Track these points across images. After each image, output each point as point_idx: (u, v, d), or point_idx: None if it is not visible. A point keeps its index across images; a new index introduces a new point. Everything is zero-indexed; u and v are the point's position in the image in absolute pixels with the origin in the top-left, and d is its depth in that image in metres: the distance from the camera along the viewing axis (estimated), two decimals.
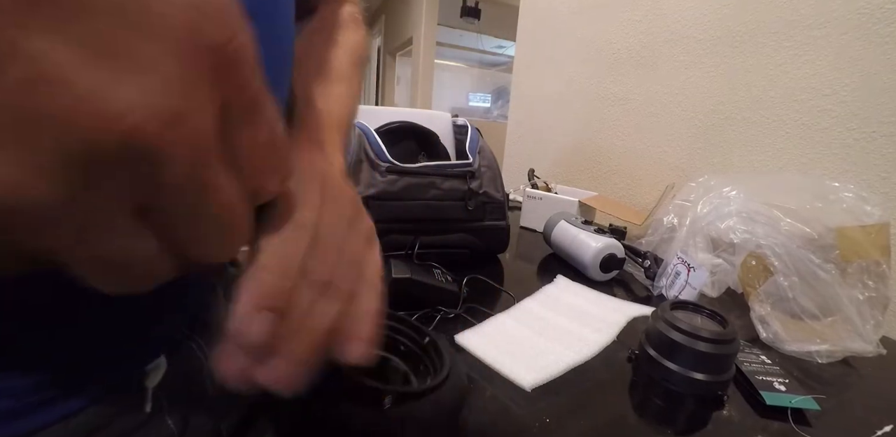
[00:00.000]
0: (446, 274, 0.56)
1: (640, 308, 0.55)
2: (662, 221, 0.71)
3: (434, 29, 4.16)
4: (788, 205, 0.57)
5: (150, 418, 0.27)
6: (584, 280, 0.65)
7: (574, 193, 0.97)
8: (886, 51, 0.67)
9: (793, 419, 0.39)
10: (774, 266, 0.53)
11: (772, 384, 0.43)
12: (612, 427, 0.38)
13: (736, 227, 0.59)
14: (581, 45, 1.19)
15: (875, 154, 0.69)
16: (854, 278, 0.52)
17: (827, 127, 0.74)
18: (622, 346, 0.48)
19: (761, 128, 0.83)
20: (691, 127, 0.95)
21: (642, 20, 1.03)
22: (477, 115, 5.54)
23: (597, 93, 1.16)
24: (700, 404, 0.41)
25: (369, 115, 0.77)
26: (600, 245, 0.65)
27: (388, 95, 5.45)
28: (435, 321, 0.50)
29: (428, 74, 4.32)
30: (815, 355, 0.49)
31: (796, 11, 0.76)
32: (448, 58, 5.21)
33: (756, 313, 0.54)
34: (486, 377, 0.42)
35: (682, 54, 0.96)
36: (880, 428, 0.39)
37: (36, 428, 0.22)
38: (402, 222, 0.63)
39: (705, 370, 0.41)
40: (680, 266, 0.60)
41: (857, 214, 0.54)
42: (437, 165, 0.66)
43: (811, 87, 0.76)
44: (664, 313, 0.44)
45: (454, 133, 0.87)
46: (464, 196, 0.66)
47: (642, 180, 1.07)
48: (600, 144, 1.16)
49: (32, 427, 0.22)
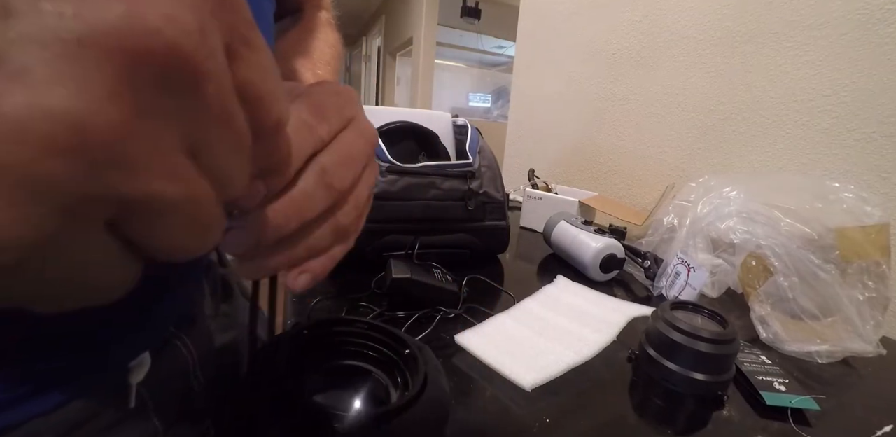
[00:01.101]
0: (446, 274, 0.56)
1: (640, 308, 0.55)
2: (662, 221, 0.71)
3: (434, 29, 4.17)
4: (788, 205, 0.57)
5: (133, 413, 0.27)
6: (584, 280, 0.65)
7: (574, 194, 0.97)
8: (886, 51, 0.67)
9: (793, 420, 0.39)
10: (774, 266, 0.53)
11: (772, 384, 0.43)
12: (612, 427, 0.38)
13: (736, 227, 0.59)
14: (581, 45, 1.19)
15: (875, 154, 0.69)
16: (854, 278, 0.52)
17: (827, 127, 0.74)
18: (622, 346, 0.48)
19: (761, 128, 0.83)
20: (691, 127, 0.95)
21: (642, 20, 1.03)
22: (477, 115, 5.54)
23: (597, 93, 1.16)
24: (700, 404, 0.41)
25: (369, 115, 0.76)
26: (600, 245, 0.65)
27: (388, 95, 5.45)
28: (435, 321, 0.50)
29: (428, 74, 4.32)
30: (815, 356, 0.50)
31: (796, 11, 0.77)
32: (448, 58, 5.21)
33: (756, 313, 0.54)
34: (486, 377, 0.42)
35: (682, 54, 0.96)
36: (880, 428, 0.39)
37: (18, 421, 0.22)
38: (402, 222, 0.63)
39: (705, 370, 0.41)
40: (680, 266, 0.60)
41: (857, 215, 0.54)
42: (437, 165, 0.66)
43: (811, 87, 0.76)
44: (664, 313, 0.44)
45: (454, 133, 0.87)
46: (464, 196, 0.66)
47: (642, 180, 1.07)
48: (600, 144, 1.16)
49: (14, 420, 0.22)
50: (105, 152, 0.09)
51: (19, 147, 0.08)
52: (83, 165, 0.09)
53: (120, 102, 0.09)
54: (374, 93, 5.76)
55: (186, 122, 0.11)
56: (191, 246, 0.12)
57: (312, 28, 0.40)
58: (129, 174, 0.10)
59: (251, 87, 0.12)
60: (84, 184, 0.09)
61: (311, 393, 0.29)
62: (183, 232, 0.12)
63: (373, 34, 5.78)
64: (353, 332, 0.31)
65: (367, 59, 6.11)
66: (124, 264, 0.12)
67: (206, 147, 0.11)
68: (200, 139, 0.11)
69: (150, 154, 0.10)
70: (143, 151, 0.10)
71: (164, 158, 0.10)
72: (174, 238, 0.12)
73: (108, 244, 0.11)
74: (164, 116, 0.10)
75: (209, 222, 0.12)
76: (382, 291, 0.54)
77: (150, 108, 0.10)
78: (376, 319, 0.51)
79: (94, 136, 0.09)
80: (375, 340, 0.30)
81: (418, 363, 0.28)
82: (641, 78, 1.05)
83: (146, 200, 0.10)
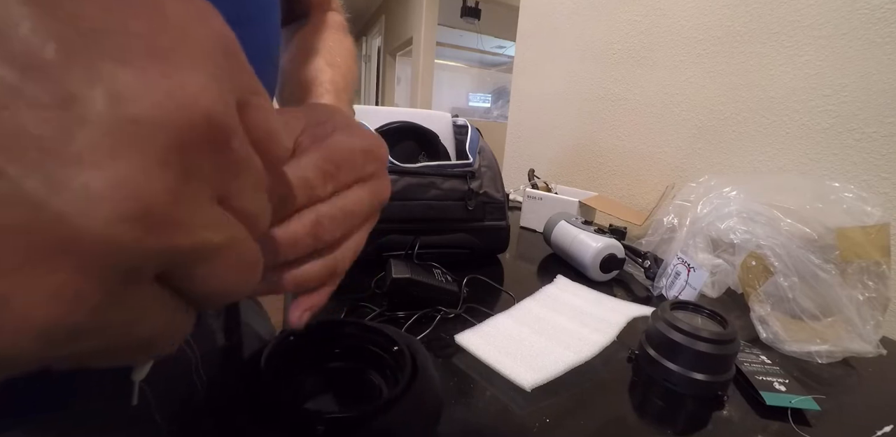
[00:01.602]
0: (446, 274, 0.56)
1: (640, 308, 0.55)
2: (662, 221, 0.71)
3: (434, 29, 4.16)
4: (788, 205, 0.57)
5: (136, 411, 0.27)
6: (584, 280, 0.65)
7: (574, 194, 0.97)
8: (887, 51, 0.67)
9: (793, 420, 0.39)
10: (774, 266, 0.53)
11: (772, 384, 0.43)
12: (612, 427, 0.38)
13: (736, 227, 0.59)
14: (581, 44, 1.19)
15: (875, 154, 0.69)
16: (854, 278, 0.52)
17: (827, 127, 0.74)
18: (622, 346, 0.48)
19: (761, 128, 0.83)
20: (691, 127, 0.95)
21: (642, 20, 1.03)
22: (477, 115, 5.54)
23: (597, 93, 1.16)
24: (700, 404, 0.41)
25: (369, 115, 0.77)
26: (600, 245, 0.65)
27: (388, 95, 5.45)
28: (435, 321, 0.50)
29: (428, 74, 4.32)
30: (815, 356, 0.49)
31: (796, 11, 0.76)
32: (448, 58, 5.21)
33: (756, 313, 0.54)
34: (486, 377, 0.42)
35: (682, 54, 0.96)
36: (880, 428, 0.39)
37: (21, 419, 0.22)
38: (402, 222, 0.63)
39: (705, 370, 0.41)
40: (680, 266, 0.60)
41: (857, 215, 0.54)
42: (437, 165, 0.66)
43: (811, 87, 0.76)
44: (664, 313, 0.44)
45: (454, 133, 0.87)
46: (464, 196, 0.66)
47: (642, 180, 1.07)
48: (600, 144, 1.16)
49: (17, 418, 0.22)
50: (160, 214, 0.10)
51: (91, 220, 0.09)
52: (141, 227, 0.10)
53: (170, 169, 0.10)
54: (374, 93, 5.76)
55: (219, 177, 0.12)
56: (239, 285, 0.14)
57: (328, 32, 0.41)
58: (179, 231, 0.11)
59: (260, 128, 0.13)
60: (141, 244, 0.10)
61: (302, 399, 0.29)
62: (229, 272, 0.13)
63: (373, 34, 5.78)
64: (345, 333, 0.30)
65: (367, 59, 6.11)
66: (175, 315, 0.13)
67: (235, 192, 0.13)
68: (229, 188, 0.12)
69: (194, 210, 0.11)
70: (189, 209, 0.11)
71: (205, 210, 0.11)
72: (222, 280, 0.13)
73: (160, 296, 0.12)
74: (202, 176, 0.11)
75: (252, 258, 0.14)
76: (382, 291, 0.54)
77: (192, 170, 0.11)
78: (376, 319, 0.51)
79: (152, 200, 0.10)
80: (367, 340, 0.30)
81: (405, 360, 0.28)
82: (641, 78, 1.05)
83: (193, 251, 0.11)
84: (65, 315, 0.10)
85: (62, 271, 0.09)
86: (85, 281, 0.10)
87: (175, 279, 0.12)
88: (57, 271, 0.09)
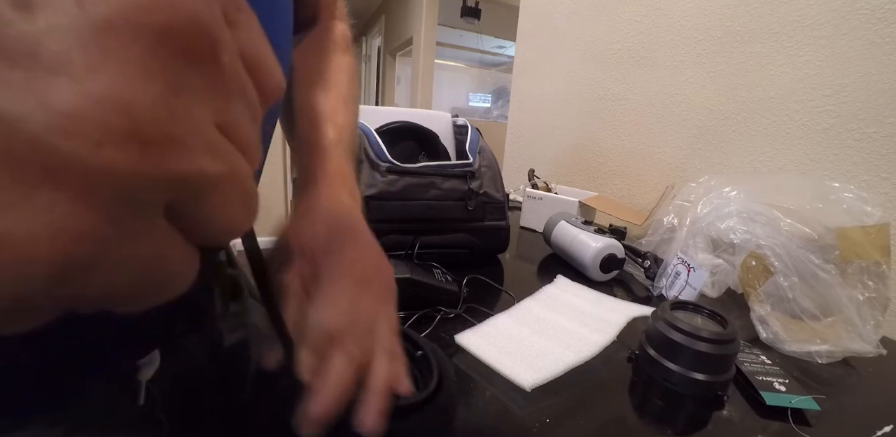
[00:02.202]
0: (446, 274, 0.56)
1: (640, 308, 0.55)
2: (662, 221, 0.71)
3: (434, 29, 4.16)
4: (788, 205, 0.57)
5: (142, 410, 0.27)
6: (584, 280, 0.65)
7: (574, 194, 0.97)
8: (887, 51, 0.67)
9: (793, 420, 0.39)
10: (774, 266, 0.53)
11: (772, 384, 0.43)
12: (612, 427, 0.38)
13: (736, 227, 0.59)
14: (581, 45, 1.19)
15: (875, 154, 0.69)
16: (854, 278, 0.52)
17: (827, 127, 0.74)
18: (622, 346, 0.48)
19: (761, 128, 0.83)
20: (691, 127, 0.95)
21: (642, 20, 1.03)
22: (477, 115, 5.54)
23: (597, 93, 1.16)
24: (700, 404, 0.41)
25: (369, 115, 0.77)
26: (600, 245, 0.65)
27: (388, 95, 5.45)
28: (435, 321, 0.50)
29: (428, 74, 4.32)
30: (815, 356, 0.49)
31: (796, 11, 0.76)
32: (448, 58, 5.21)
33: (756, 313, 0.54)
34: (486, 377, 0.42)
35: (682, 54, 0.96)
36: (880, 428, 0.39)
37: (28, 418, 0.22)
38: (402, 222, 0.63)
39: (705, 370, 0.41)
40: (680, 266, 0.60)
41: (857, 215, 0.54)
42: (437, 165, 0.66)
43: (811, 87, 0.76)
44: (664, 313, 0.44)
45: (454, 133, 0.87)
46: (464, 196, 0.66)
47: (642, 180, 1.07)
48: (600, 144, 1.16)
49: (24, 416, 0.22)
50: (153, 133, 0.09)
51: (77, 141, 0.08)
52: (136, 149, 0.09)
53: (155, 79, 0.09)
54: (374, 93, 5.76)
55: (211, 96, 0.11)
56: (242, 221, 0.13)
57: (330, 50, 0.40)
58: (177, 153, 0.10)
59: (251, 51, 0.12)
60: (140, 169, 0.09)
61: None
62: (234, 207, 0.12)
63: (373, 34, 5.78)
64: None
65: (367, 59, 6.11)
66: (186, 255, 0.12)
67: (232, 120, 0.11)
68: (225, 112, 0.11)
69: (191, 131, 0.10)
70: (185, 129, 0.10)
71: (204, 134, 0.10)
72: (227, 215, 0.12)
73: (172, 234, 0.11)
74: (193, 91, 0.10)
75: (252, 193, 0.13)
76: None
77: (180, 82, 0.10)
78: None
79: (142, 116, 0.09)
80: None
81: (431, 364, 0.28)
82: (641, 78, 1.05)
83: (196, 179, 0.10)
84: (71, 249, 0.09)
85: (61, 204, 0.08)
86: (88, 213, 0.09)
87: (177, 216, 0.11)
88: (55, 205, 0.08)
